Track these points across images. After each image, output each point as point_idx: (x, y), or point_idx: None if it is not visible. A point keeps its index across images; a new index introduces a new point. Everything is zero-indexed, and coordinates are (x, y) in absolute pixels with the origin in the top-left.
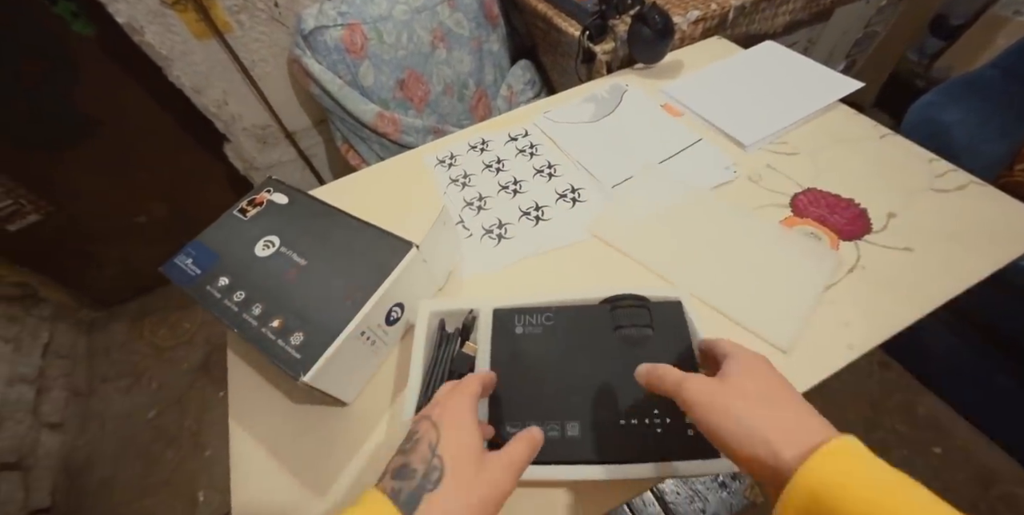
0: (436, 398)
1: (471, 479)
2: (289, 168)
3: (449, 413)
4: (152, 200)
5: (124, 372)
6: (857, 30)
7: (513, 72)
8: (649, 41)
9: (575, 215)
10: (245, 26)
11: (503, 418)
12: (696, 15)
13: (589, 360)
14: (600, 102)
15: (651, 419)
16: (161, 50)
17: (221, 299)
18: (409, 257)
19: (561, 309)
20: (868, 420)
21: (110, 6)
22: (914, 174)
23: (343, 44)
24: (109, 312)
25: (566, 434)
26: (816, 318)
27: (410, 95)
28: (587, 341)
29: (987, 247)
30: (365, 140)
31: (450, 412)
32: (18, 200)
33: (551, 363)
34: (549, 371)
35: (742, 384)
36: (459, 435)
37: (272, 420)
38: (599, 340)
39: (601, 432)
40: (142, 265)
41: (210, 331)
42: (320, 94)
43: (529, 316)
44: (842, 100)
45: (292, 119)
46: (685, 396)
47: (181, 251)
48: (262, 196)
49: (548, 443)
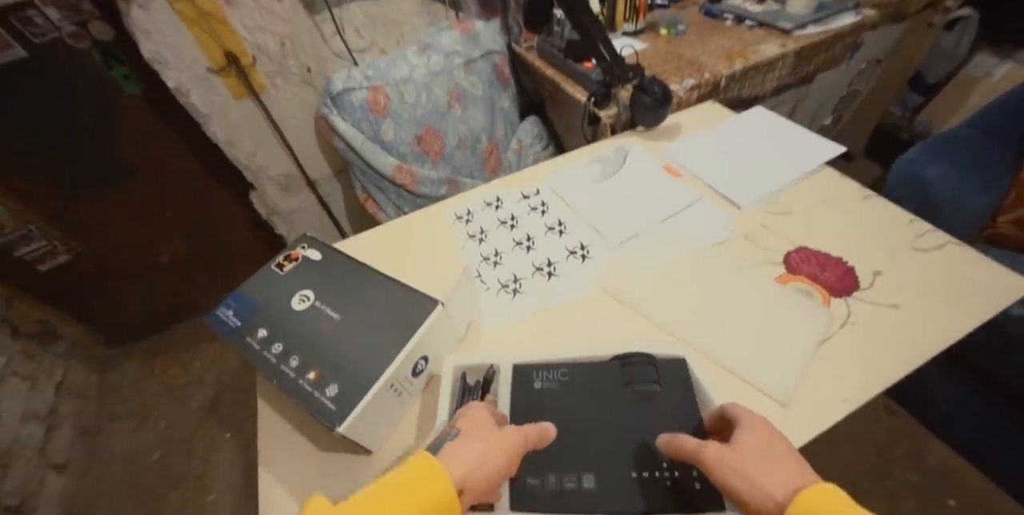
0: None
1: (484, 435)
2: (309, 214)
3: (465, 410)
4: (176, 241)
5: (133, 411)
6: (841, 89)
7: (523, 127)
8: (650, 108)
9: (585, 271)
10: (279, 87)
11: (523, 469)
12: (691, 83)
13: (602, 414)
14: (606, 163)
15: (661, 472)
16: (202, 109)
17: (260, 350)
18: (435, 314)
19: (576, 366)
20: (877, 469)
21: (163, 73)
22: (896, 234)
23: (367, 104)
24: (123, 350)
25: (583, 486)
26: (812, 372)
27: (427, 149)
28: (600, 396)
29: (968, 304)
30: (383, 190)
31: (466, 409)
32: (52, 242)
33: (567, 416)
34: (566, 424)
35: (752, 450)
36: (473, 414)
37: (300, 468)
38: (611, 395)
39: (615, 484)
40: (160, 303)
41: (220, 370)
42: (344, 148)
43: (547, 372)
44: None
45: (315, 168)
46: (704, 460)
47: (222, 303)
48: (297, 252)
49: (567, 495)
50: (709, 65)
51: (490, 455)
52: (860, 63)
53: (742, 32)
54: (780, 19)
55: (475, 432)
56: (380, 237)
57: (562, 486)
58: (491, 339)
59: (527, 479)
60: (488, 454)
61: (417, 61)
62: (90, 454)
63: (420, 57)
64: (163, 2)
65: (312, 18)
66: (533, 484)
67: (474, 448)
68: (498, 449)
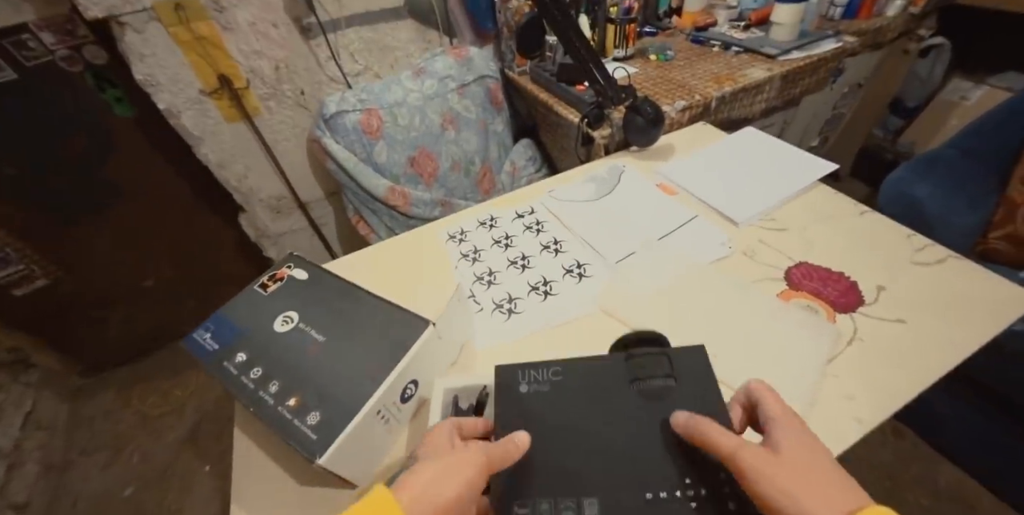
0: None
1: (440, 456)
2: (300, 236)
3: (427, 433)
4: (161, 265)
5: (105, 444)
6: (826, 112)
7: (516, 150)
8: (643, 128)
9: (582, 290)
10: (272, 110)
11: (507, 496)
12: (683, 104)
13: (604, 421)
14: (600, 182)
15: (683, 491)
16: (194, 131)
17: (238, 375)
18: (426, 335)
19: (570, 363)
20: (888, 492)
21: (155, 95)
22: (896, 249)
23: (360, 126)
24: (99, 378)
25: (583, 513)
26: (821, 392)
27: (420, 171)
28: (601, 398)
29: (974, 319)
30: (376, 212)
31: (427, 433)
32: (30, 265)
33: (561, 426)
34: (560, 436)
35: (795, 460)
36: (430, 437)
37: (277, 504)
38: (615, 396)
39: (625, 510)
40: (142, 328)
41: (202, 398)
42: (336, 170)
43: (534, 372)
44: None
45: (306, 191)
46: (740, 465)
47: (201, 326)
48: (283, 271)
49: None
50: (699, 88)
51: (442, 477)
52: (843, 87)
53: (729, 58)
54: (765, 46)
55: (431, 455)
56: (371, 257)
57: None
58: (485, 361)
59: (514, 508)
60: (440, 476)
61: (411, 85)
62: (55, 491)
63: (414, 81)
64: (159, 27)
65: (308, 43)
66: (520, 513)
67: (426, 472)
68: (453, 468)
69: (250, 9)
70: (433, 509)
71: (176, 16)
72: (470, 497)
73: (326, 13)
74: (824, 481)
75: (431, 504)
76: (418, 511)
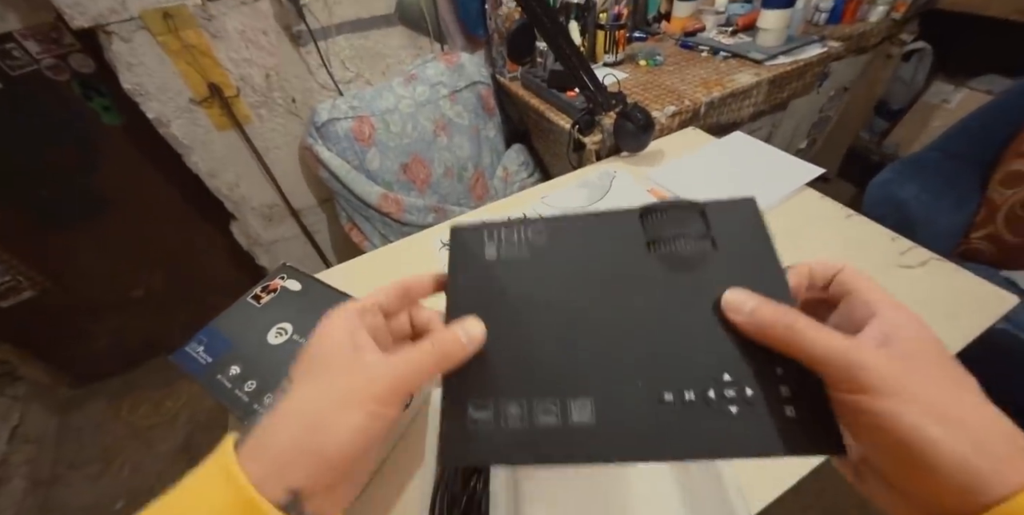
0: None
1: (329, 372)
2: (292, 244)
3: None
4: (151, 274)
5: (94, 457)
6: (813, 115)
7: (508, 155)
8: (633, 134)
9: None
10: (264, 118)
11: (463, 396)
12: (672, 110)
13: (606, 297)
14: (592, 187)
15: (719, 390)
16: (184, 140)
17: (232, 388)
18: None
19: (560, 220)
20: None
21: (143, 104)
22: (880, 251)
23: (352, 133)
24: (88, 389)
25: (569, 419)
26: None
27: (413, 177)
28: (603, 266)
29: (957, 319)
30: (369, 219)
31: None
32: (16, 277)
33: (544, 305)
34: (541, 318)
35: (930, 368)
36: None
37: None
38: (623, 264)
39: (631, 415)
40: (132, 339)
41: (195, 408)
42: (328, 178)
43: (508, 232)
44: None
45: (299, 198)
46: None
47: (193, 338)
48: (276, 283)
49: (540, 435)
50: (688, 93)
51: (325, 415)
52: (829, 91)
53: (717, 63)
54: (752, 51)
55: (316, 369)
56: (365, 266)
57: (532, 420)
58: None
59: (469, 411)
60: (322, 413)
61: (403, 92)
62: (43, 506)
63: (406, 88)
64: (147, 35)
65: (298, 51)
66: (480, 419)
67: (295, 412)
68: (345, 396)
69: (239, 17)
70: (312, 470)
71: (164, 25)
72: (374, 435)
73: (316, 21)
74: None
75: (314, 461)
76: (294, 475)
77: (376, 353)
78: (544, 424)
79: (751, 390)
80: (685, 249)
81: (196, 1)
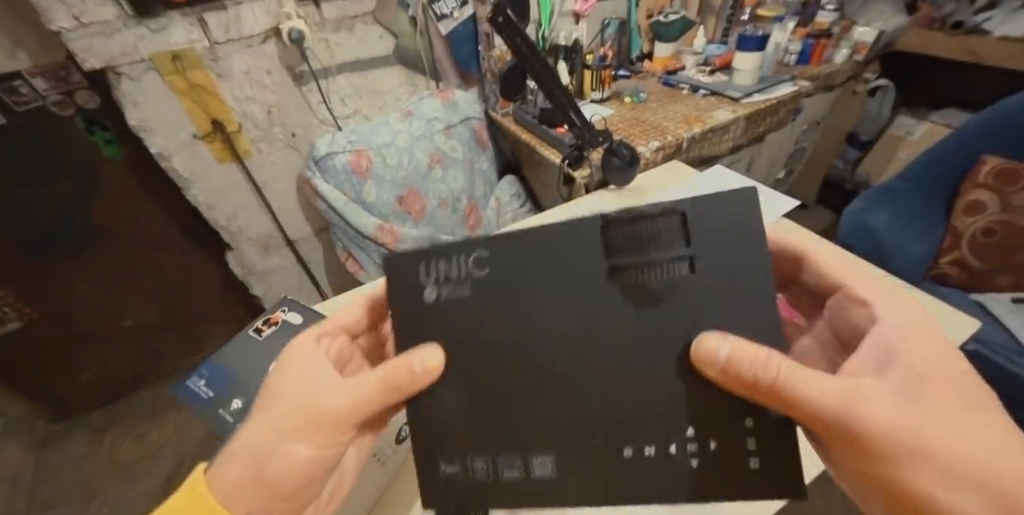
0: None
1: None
2: (287, 273)
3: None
4: (142, 304)
5: (73, 496)
6: (789, 147)
7: (500, 186)
8: (619, 169)
9: None
10: (263, 152)
11: (434, 450)
12: (656, 145)
13: (562, 338)
14: None
15: (680, 445)
16: (184, 173)
17: (234, 423)
18: None
19: (504, 240)
20: None
21: (147, 139)
22: None
23: (350, 167)
24: (69, 424)
25: (532, 474)
26: None
27: (408, 208)
28: (557, 301)
29: None
30: (364, 249)
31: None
32: (2, 308)
33: (495, 349)
34: (495, 365)
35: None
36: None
37: None
38: (580, 297)
39: (589, 469)
40: (118, 370)
41: (182, 441)
42: (326, 209)
43: (446, 263)
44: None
45: (295, 229)
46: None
47: (194, 372)
48: (277, 316)
49: (507, 486)
50: (671, 129)
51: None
52: (803, 124)
53: (697, 100)
54: (729, 89)
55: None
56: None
57: (497, 475)
58: None
59: (440, 465)
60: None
61: (399, 127)
62: None
63: (402, 123)
64: (155, 75)
65: (299, 88)
66: (450, 472)
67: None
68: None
69: (245, 58)
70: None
71: (173, 66)
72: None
73: (318, 61)
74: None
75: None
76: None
77: (329, 383)
78: (508, 478)
79: (715, 444)
80: (653, 280)
81: (205, 43)
